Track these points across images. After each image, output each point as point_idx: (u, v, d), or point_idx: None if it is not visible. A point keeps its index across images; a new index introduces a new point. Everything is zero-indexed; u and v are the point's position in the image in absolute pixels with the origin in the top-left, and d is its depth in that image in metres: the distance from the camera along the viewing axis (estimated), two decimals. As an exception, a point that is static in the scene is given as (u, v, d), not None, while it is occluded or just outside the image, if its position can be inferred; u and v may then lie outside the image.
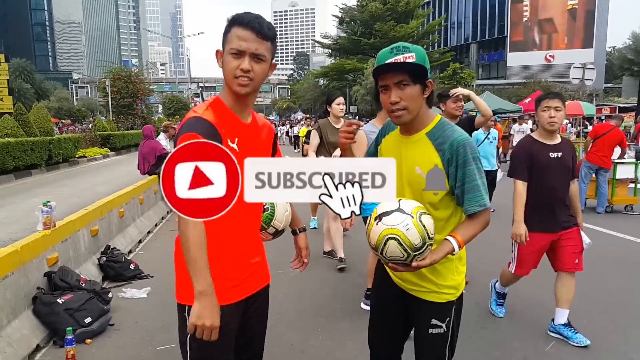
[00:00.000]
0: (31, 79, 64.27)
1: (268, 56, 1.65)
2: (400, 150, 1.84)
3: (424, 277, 1.84)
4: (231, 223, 1.65)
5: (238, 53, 1.59)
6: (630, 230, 6.76)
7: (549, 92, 3.24)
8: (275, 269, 5.12)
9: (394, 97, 1.72)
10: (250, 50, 1.59)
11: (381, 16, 45.74)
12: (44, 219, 3.93)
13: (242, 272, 1.74)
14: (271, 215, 1.86)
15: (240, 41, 1.59)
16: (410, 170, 1.80)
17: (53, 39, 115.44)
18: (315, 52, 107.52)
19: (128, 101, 32.71)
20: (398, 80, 1.71)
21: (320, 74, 55.39)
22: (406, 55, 1.72)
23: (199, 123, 1.58)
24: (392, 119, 1.80)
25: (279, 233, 1.92)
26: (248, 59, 1.60)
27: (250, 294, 1.79)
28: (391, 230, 1.58)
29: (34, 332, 3.36)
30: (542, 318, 3.77)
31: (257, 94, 1.74)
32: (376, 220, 1.63)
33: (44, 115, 18.63)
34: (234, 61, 1.60)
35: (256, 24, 1.59)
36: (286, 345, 3.39)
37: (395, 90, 1.72)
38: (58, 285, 3.70)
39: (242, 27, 1.59)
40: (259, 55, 1.61)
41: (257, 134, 1.79)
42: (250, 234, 1.77)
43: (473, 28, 56.58)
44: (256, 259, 1.81)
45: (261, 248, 1.86)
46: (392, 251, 1.60)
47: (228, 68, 1.62)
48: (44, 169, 15.65)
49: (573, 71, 16.58)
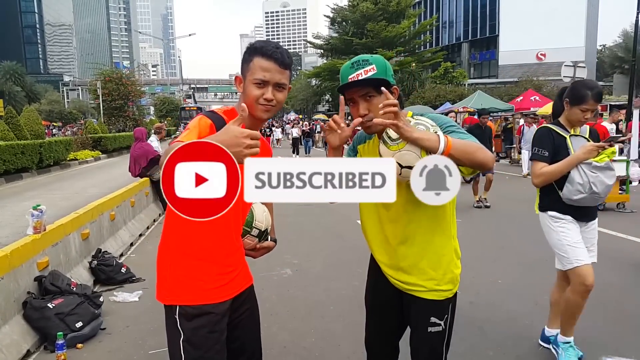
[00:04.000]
0: (22, 82, 63.89)
1: (288, 83, 1.75)
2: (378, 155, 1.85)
3: (425, 273, 1.84)
4: (217, 224, 1.66)
5: (262, 83, 1.68)
6: (623, 227, 6.80)
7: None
8: (267, 270, 5.15)
9: (362, 110, 1.76)
10: (274, 81, 1.68)
11: (372, 16, 45.86)
12: (34, 223, 3.90)
13: (226, 274, 1.76)
14: (251, 217, 1.88)
15: (264, 72, 1.67)
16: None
17: (43, 42, 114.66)
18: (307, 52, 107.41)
19: (119, 103, 32.48)
20: (363, 93, 1.75)
21: (313, 74, 55.39)
22: (367, 69, 1.75)
23: (215, 116, 1.72)
24: (365, 130, 1.84)
25: (263, 234, 1.93)
26: (271, 88, 1.69)
27: (236, 294, 1.81)
28: None
29: (24, 338, 3.32)
30: (535, 318, 3.79)
31: None
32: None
33: (35, 118, 18.49)
34: (258, 90, 1.68)
35: (278, 54, 1.68)
36: (279, 346, 3.38)
37: (363, 103, 1.76)
38: (49, 290, 3.66)
39: (265, 58, 1.67)
40: (282, 84, 1.71)
41: (259, 153, 1.82)
42: (233, 236, 1.79)
43: (464, 27, 56.78)
44: (238, 260, 1.83)
45: (242, 251, 1.88)
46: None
47: (251, 95, 1.69)
48: (35, 172, 15.51)
49: (564, 69, 16.68)
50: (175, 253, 1.71)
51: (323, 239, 6.49)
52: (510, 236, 6.58)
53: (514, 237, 6.53)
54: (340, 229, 7.04)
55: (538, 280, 4.65)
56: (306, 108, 62.35)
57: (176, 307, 1.70)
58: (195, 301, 1.69)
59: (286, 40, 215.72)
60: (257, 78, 1.67)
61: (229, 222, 1.74)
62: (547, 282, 4.60)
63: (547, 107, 17.57)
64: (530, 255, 5.60)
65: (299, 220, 7.67)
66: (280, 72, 1.69)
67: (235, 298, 1.80)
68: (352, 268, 4.92)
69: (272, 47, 1.69)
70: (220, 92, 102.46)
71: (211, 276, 1.71)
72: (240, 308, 1.85)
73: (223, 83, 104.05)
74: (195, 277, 1.69)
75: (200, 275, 1.70)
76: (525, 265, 5.18)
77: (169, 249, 1.73)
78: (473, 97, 23.56)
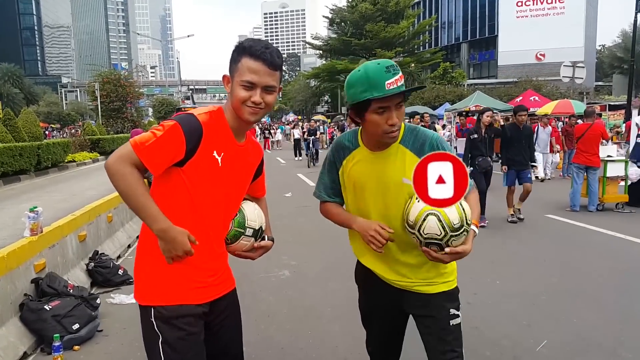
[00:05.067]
0: (20, 84, 63.84)
1: (278, 85, 1.66)
2: (375, 166, 1.82)
3: (437, 266, 1.83)
4: (194, 229, 1.66)
5: (250, 85, 1.59)
6: (621, 227, 6.80)
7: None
8: (265, 272, 5.14)
9: (396, 119, 1.70)
10: (262, 84, 1.60)
11: (371, 17, 45.91)
12: (31, 225, 3.88)
13: (204, 278, 1.73)
14: (242, 217, 1.80)
15: (252, 74, 1.58)
16: (397, 184, 1.78)
17: (42, 43, 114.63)
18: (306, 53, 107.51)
19: (117, 105, 32.47)
20: (399, 101, 1.69)
21: (312, 75, 55.45)
22: (400, 74, 1.69)
23: (189, 118, 1.61)
24: (387, 139, 1.75)
25: (258, 232, 1.84)
26: (260, 91, 1.60)
27: (215, 298, 1.77)
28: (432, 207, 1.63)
29: (21, 340, 3.31)
30: (532, 318, 3.78)
31: None
32: (417, 199, 1.66)
33: (33, 120, 18.44)
34: (245, 92, 1.60)
35: (267, 55, 1.58)
36: (276, 348, 3.37)
37: (396, 111, 1.70)
38: (45, 292, 3.65)
39: (254, 59, 1.58)
40: (271, 87, 1.62)
41: (246, 156, 1.79)
42: (214, 242, 1.75)
43: (464, 28, 56.81)
44: (219, 266, 1.79)
45: (223, 257, 1.84)
46: (430, 227, 1.62)
47: (239, 97, 1.61)
48: (32, 174, 15.48)
49: (563, 70, 16.71)
50: (151, 254, 1.68)
51: (321, 240, 6.48)
52: (509, 237, 6.57)
53: (512, 237, 6.53)
54: (337, 231, 6.99)
55: (536, 281, 4.64)
56: (305, 109, 62.35)
57: (151, 308, 1.68)
58: (170, 301, 1.66)
59: (285, 41, 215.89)
60: (244, 80, 1.59)
61: (206, 228, 1.70)
62: (545, 282, 4.60)
63: (545, 107, 17.56)
64: (528, 255, 5.59)
65: (296, 222, 7.66)
66: (270, 73, 1.60)
67: (215, 302, 1.77)
68: (349, 269, 4.87)
69: (261, 47, 1.59)
70: (218, 94, 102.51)
71: (187, 278, 1.68)
72: (221, 312, 1.81)
73: (222, 84, 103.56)
74: (171, 279, 1.67)
75: (175, 277, 1.67)
76: (523, 266, 5.18)
77: (145, 249, 1.71)
78: (472, 98, 23.54)
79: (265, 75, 1.59)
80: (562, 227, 7.07)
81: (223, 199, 1.72)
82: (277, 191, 10.82)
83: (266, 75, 1.59)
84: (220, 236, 1.77)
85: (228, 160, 1.68)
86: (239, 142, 1.73)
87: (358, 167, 1.87)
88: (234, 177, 1.73)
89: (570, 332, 3.51)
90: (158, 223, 1.57)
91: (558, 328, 3.58)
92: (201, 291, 1.71)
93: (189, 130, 1.57)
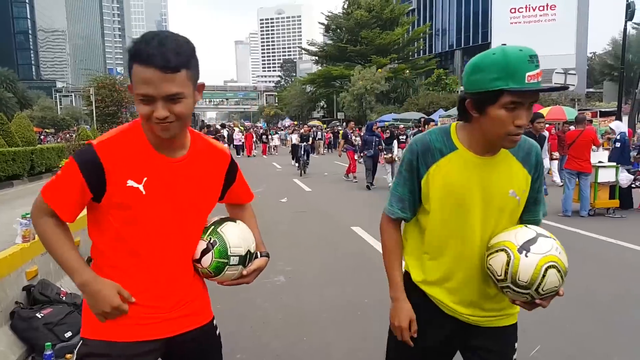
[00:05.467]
0: (14, 88, 63.44)
1: (187, 89, 1.30)
2: (481, 174, 1.51)
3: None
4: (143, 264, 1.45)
5: (146, 99, 1.27)
6: (613, 232, 6.84)
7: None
8: (260, 278, 5.09)
9: (525, 120, 1.40)
10: (161, 95, 1.26)
11: (367, 23, 46.28)
12: (22, 232, 3.85)
13: (155, 313, 1.48)
14: (223, 245, 1.50)
15: (145, 85, 1.25)
16: (504, 196, 1.52)
17: (36, 48, 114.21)
18: (302, 59, 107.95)
19: (113, 109, 32.37)
20: (533, 100, 1.40)
21: (308, 80, 55.70)
22: (541, 70, 1.40)
23: (83, 150, 1.37)
24: (507, 142, 1.44)
25: (247, 258, 1.55)
26: (161, 103, 1.27)
27: (174, 335, 1.51)
28: (548, 257, 1.40)
29: (12, 348, 3.27)
30: (526, 322, 3.79)
31: (187, 127, 1.45)
32: (521, 253, 1.41)
33: (26, 124, 18.40)
34: (145, 107, 1.29)
35: (158, 57, 1.23)
36: (271, 355, 3.35)
37: (527, 112, 1.40)
38: (37, 299, 3.61)
39: (143, 65, 1.24)
40: (173, 95, 1.27)
41: (191, 170, 1.47)
42: (165, 278, 1.48)
43: (457, 35, 57.25)
44: (174, 304, 1.51)
45: (194, 285, 1.56)
46: (551, 282, 1.40)
47: (141, 113, 1.31)
48: (26, 180, 15.40)
49: (555, 77, 16.87)
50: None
51: (316, 246, 6.47)
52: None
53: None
54: (333, 237, 7.02)
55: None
56: (301, 114, 62.42)
57: (81, 339, 1.48)
58: (97, 335, 1.43)
59: (281, 47, 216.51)
60: (139, 94, 1.27)
61: (156, 264, 1.45)
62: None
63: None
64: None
65: (292, 228, 7.65)
66: (167, 79, 1.25)
67: (175, 338, 1.51)
68: (345, 275, 4.90)
69: (151, 47, 1.24)
70: (214, 99, 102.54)
71: (126, 315, 1.43)
72: (186, 350, 1.56)
73: (217, 90, 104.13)
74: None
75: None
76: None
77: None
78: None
79: (161, 82, 1.25)
80: (555, 233, 6.93)
81: (173, 226, 1.45)
82: (273, 196, 10.82)
83: (163, 82, 1.25)
84: (183, 266, 1.51)
85: (158, 183, 1.40)
86: (172, 158, 1.43)
87: (456, 174, 1.51)
88: (177, 198, 1.44)
89: (563, 338, 3.52)
90: (77, 275, 1.37)
91: (551, 333, 3.59)
92: (146, 328, 1.45)
93: (84, 164, 1.33)
